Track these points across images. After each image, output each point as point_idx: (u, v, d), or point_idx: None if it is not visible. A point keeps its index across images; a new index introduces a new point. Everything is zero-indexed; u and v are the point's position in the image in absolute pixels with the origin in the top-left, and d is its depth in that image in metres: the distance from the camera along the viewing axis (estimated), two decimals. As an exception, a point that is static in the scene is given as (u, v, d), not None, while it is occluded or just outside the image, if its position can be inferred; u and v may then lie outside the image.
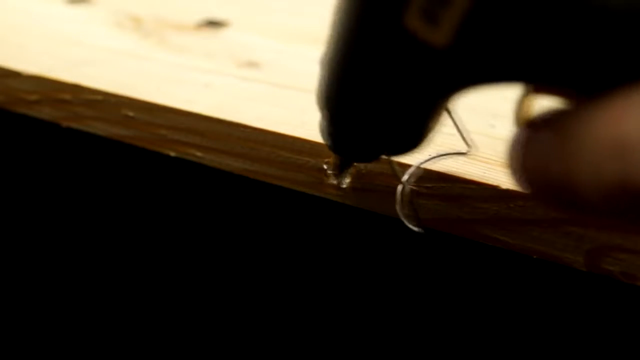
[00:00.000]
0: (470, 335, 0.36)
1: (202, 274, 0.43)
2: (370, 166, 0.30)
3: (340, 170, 0.31)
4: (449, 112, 0.26)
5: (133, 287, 0.47)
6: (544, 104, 0.18)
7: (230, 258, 0.42)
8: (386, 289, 0.38)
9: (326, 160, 0.31)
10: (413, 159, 0.30)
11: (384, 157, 0.28)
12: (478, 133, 0.33)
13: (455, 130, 0.33)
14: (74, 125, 0.39)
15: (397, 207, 0.29)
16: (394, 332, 0.39)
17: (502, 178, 0.28)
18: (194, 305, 0.45)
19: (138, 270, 0.46)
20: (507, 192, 0.28)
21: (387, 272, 0.37)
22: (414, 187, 0.29)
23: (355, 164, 0.31)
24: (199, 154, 0.35)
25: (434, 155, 0.29)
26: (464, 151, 0.28)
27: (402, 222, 0.31)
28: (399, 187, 0.29)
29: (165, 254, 0.44)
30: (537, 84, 0.19)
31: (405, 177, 0.29)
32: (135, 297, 0.47)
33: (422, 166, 0.29)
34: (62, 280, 0.50)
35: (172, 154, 0.36)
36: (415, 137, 0.23)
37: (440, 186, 0.29)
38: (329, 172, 0.31)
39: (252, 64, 0.41)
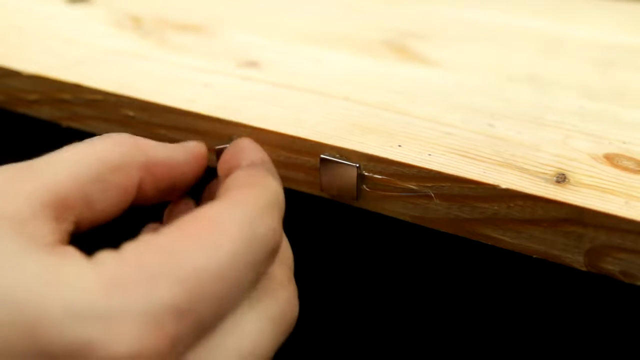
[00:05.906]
0: (471, 335, 0.36)
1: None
2: (372, 167, 0.30)
3: None
4: None
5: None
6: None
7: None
8: (386, 288, 0.38)
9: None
10: (406, 156, 0.30)
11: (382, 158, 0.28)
12: (478, 133, 0.33)
13: (454, 130, 0.33)
14: (74, 125, 0.39)
15: None
16: (393, 331, 0.39)
17: (502, 178, 0.28)
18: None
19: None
20: (506, 192, 0.28)
21: (387, 272, 0.37)
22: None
23: (359, 166, 0.31)
24: (198, 153, 0.35)
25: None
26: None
27: (403, 222, 0.31)
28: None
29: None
30: None
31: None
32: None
33: (422, 165, 0.29)
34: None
35: (172, 153, 0.36)
36: None
37: (440, 186, 0.29)
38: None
39: (252, 64, 0.41)
